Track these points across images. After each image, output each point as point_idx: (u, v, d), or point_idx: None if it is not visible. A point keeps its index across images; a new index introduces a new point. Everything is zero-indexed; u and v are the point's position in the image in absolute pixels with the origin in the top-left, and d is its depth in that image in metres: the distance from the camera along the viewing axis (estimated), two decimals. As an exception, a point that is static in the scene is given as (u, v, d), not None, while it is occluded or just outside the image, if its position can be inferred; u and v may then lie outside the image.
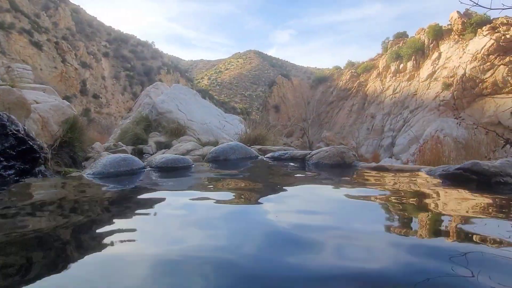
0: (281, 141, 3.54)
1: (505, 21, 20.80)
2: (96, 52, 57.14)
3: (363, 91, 31.10)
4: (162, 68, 66.51)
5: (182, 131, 4.89)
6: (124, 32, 72.48)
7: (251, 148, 2.26)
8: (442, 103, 22.69)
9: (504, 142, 2.64)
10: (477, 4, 2.05)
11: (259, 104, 65.93)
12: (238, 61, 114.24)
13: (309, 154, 1.67)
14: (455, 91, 22.24)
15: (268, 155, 1.84)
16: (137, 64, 63.42)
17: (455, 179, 1.27)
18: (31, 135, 1.93)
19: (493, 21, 21.82)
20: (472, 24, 22.72)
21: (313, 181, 1.49)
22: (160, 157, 1.47)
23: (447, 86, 22.93)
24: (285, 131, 34.77)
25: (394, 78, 28.19)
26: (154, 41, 75.40)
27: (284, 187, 1.41)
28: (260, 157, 1.86)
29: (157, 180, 1.49)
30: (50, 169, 2.08)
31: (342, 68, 36.38)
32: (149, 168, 1.52)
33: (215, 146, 3.76)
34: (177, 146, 3.53)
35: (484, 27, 21.80)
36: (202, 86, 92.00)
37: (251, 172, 1.63)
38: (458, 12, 24.23)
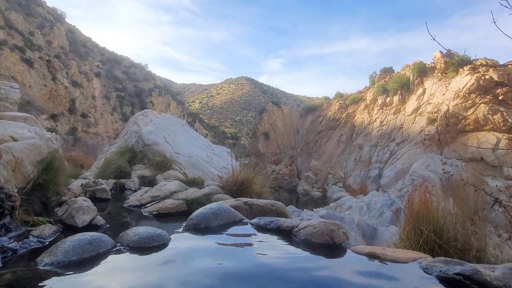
0: (268, 183, 3.45)
1: (484, 62, 21.93)
2: (88, 71, 57.19)
3: (351, 122, 31.74)
4: (154, 90, 66.80)
5: (168, 165, 4.75)
6: (118, 54, 73.17)
7: (236, 200, 2.15)
8: (427, 137, 23.26)
9: (493, 201, 2.62)
10: None
11: (249, 130, 66.33)
12: (230, 87, 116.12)
13: (296, 226, 1.58)
14: (439, 126, 22.90)
15: (254, 220, 1.73)
16: (129, 85, 63.58)
17: (453, 285, 1.19)
18: (-2, 184, 1.79)
19: (473, 62, 22.96)
20: (454, 63, 23.85)
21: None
22: (134, 233, 1.33)
23: (431, 121, 23.63)
24: (274, 158, 34.80)
25: (381, 111, 28.96)
26: (148, 64, 76.17)
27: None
28: (245, 220, 1.74)
29: (122, 274, 1.23)
30: (16, 219, 1.92)
31: (331, 98, 37.28)
32: (120, 247, 1.35)
33: (200, 186, 3.64)
34: (160, 185, 3.38)
35: (465, 67, 22.89)
36: (193, 109, 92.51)
37: (232, 260, 1.39)
38: (440, 52, 25.49)
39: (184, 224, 1.73)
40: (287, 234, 1.58)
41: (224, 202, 2.21)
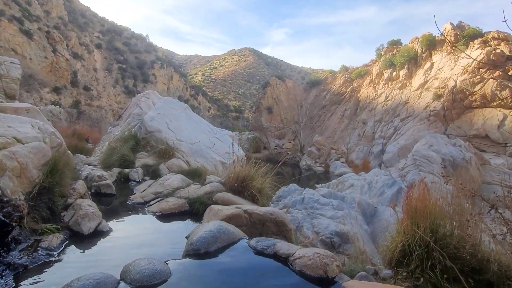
0: (268, 179, 3.49)
1: (496, 36, 21.13)
2: (89, 43, 56.08)
3: (356, 96, 31.29)
4: (156, 62, 65.74)
5: (170, 153, 4.81)
6: (118, 24, 71.31)
7: (236, 208, 2.20)
8: (432, 113, 22.97)
9: (489, 207, 2.65)
10: None
11: (253, 103, 65.79)
12: (233, 58, 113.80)
13: (292, 255, 1.62)
14: (445, 102, 22.54)
15: (252, 243, 1.76)
16: (130, 57, 62.52)
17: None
18: (4, 199, 1.84)
19: (485, 35, 22.13)
20: (464, 36, 23.01)
21: None
22: (136, 271, 1.37)
23: (437, 96, 23.23)
24: (277, 133, 34.79)
25: (386, 85, 28.43)
26: (149, 34, 74.38)
27: None
28: (244, 241, 1.77)
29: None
30: (25, 228, 2.00)
31: (336, 72, 36.50)
32: (124, 283, 1.39)
33: (202, 179, 3.70)
34: (163, 180, 3.45)
35: (476, 40, 22.11)
36: (196, 82, 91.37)
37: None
38: (451, 23, 24.53)
39: (184, 248, 1.79)
40: (284, 261, 1.63)
41: (225, 209, 2.26)
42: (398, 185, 11.10)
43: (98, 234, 2.13)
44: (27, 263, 1.65)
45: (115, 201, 3.13)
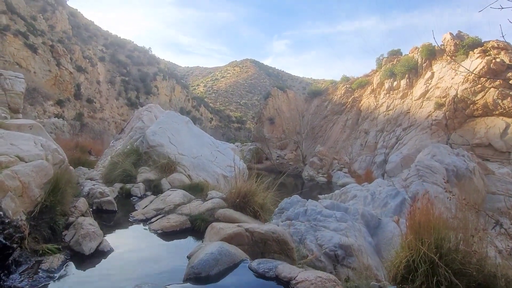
0: (270, 194, 3.47)
1: (495, 45, 21.26)
2: (92, 56, 56.84)
3: (357, 106, 31.37)
4: (158, 74, 66.43)
5: (172, 168, 4.81)
6: (121, 37, 72.41)
7: (238, 227, 2.19)
8: (434, 122, 22.95)
9: (494, 223, 2.62)
10: None
11: (254, 113, 66.03)
12: (235, 69, 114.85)
13: (294, 279, 1.60)
14: (447, 111, 22.53)
15: (254, 265, 1.74)
16: (133, 69, 63.26)
17: None
18: (6, 221, 1.84)
19: (484, 44, 22.28)
20: (464, 46, 23.15)
21: None
22: None
23: (439, 106, 23.24)
24: (279, 143, 34.78)
25: (387, 95, 28.52)
26: (151, 47, 75.37)
27: None
28: (245, 262, 1.76)
29: None
30: (26, 248, 1.99)
31: (337, 82, 36.71)
32: None
33: (204, 195, 3.69)
34: (165, 196, 3.44)
35: (476, 49, 22.24)
36: (198, 93, 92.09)
37: None
38: (450, 33, 24.72)
39: (185, 271, 1.76)
40: (286, 285, 1.62)
41: (226, 228, 2.24)
42: (401, 196, 11.02)
43: (99, 254, 2.12)
44: (27, 286, 1.64)
45: (116, 218, 3.12)
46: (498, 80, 20.28)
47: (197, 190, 3.88)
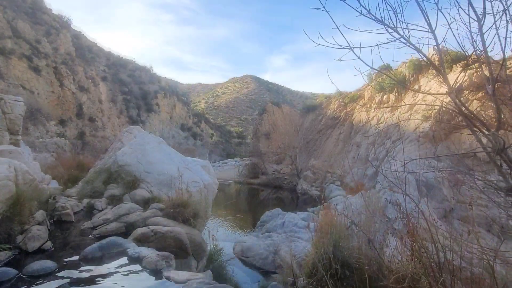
0: (203, 206, 4.12)
1: (476, 58, 22.02)
2: (95, 76, 58.56)
3: (350, 120, 32.09)
4: (159, 92, 67.98)
5: (136, 184, 5.48)
6: (123, 57, 74.50)
7: (148, 228, 2.84)
8: (421, 134, 23.54)
9: (349, 223, 3.25)
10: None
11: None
12: (235, 86, 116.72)
13: (144, 258, 2.27)
14: (433, 123, 23.15)
15: (130, 251, 2.45)
16: (134, 88, 64.84)
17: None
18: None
19: (468, 58, 23.05)
20: (448, 60, 23.95)
21: None
22: (32, 266, 2.04)
23: (426, 118, 23.88)
24: (275, 158, 35.39)
25: (378, 109, 29.24)
26: (153, 65, 77.10)
27: None
28: (127, 250, 2.44)
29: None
30: (-17, 248, 2.66)
31: (331, 97, 37.59)
32: (22, 275, 2.08)
33: (147, 207, 4.35)
34: (116, 208, 4.11)
35: (459, 63, 23.03)
36: (199, 109, 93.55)
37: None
38: (434, 48, 25.53)
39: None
40: (139, 260, 2.30)
41: (140, 229, 2.91)
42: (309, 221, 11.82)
43: (41, 251, 2.78)
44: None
45: (71, 227, 3.78)
46: (480, 92, 20.97)
47: (148, 203, 4.54)
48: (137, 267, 2.41)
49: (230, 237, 11.93)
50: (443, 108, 22.67)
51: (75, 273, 2.37)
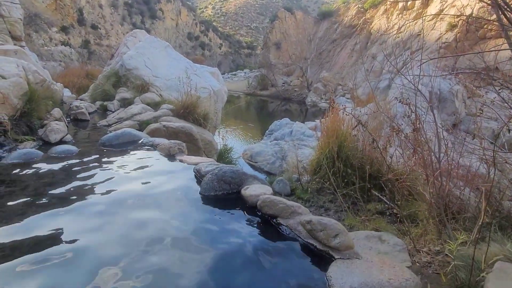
0: (214, 108, 4.18)
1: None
2: (91, -23, 53.50)
3: (367, 29, 29.81)
4: (162, -5, 62.59)
5: (146, 88, 5.50)
6: (121, -46, 66.53)
7: (160, 124, 2.96)
8: (443, 45, 21.99)
9: (356, 122, 3.28)
10: None
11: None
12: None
13: (157, 145, 2.40)
14: (458, 32, 21.39)
15: (144, 140, 2.57)
16: (135, -9, 59.65)
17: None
18: (-11, 116, 2.65)
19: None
20: (489, -45, 20.75)
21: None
22: (56, 149, 2.18)
23: (451, 27, 21.99)
24: (285, 70, 34.30)
25: (400, 15, 26.80)
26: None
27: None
28: (141, 140, 2.58)
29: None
30: (9, 137, 2.85)
31: (350, 1, 34.16)
32: (49, 155, 2.24)
33: (158, 108, 4.44)
34: (128, 108, 4.22)
35: (502, -40, 19.97)
36: (206, 16, 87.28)
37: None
38: None
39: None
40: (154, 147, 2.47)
41: (152, 125, 3.05)
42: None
43: (62, 143, 2.99)
44: (5, 154, 2.54)
45: (88, 124, 3.99)
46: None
47: (158, 106, 4.63)
48: (151, 152, 2.64)
49: (239, 145, 12.49)
50: (473, 15, 20.63)
51: (96, 155, 2.65)
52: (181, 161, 2.45)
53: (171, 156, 2.63)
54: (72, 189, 2.11)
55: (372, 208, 3.45)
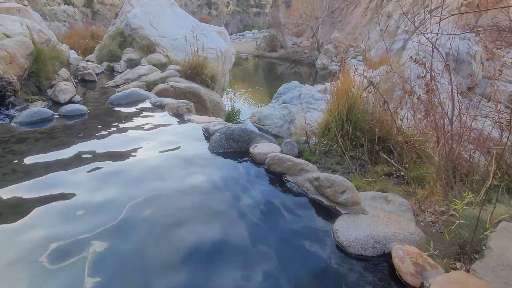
0: (221, 69, 4.09)
1: None
2: None
3: (384, -16, 27.93)
4: (166, -51, 59.02)
5: (152, 48, 5.37)
6: None
7: (167, 84, 2.92)
8: (464, 2, 20.55)
9: (368, 83, 3.18)
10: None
11: (273, -4, 59.95)
12: None
13: (165, 105, 2.38)
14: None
15: (152, 100, 2.55)
16: None
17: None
18: (-2, 77, 2.66)
19: None
20: None
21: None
22: (67, 108, 2.19)
23: (476, -19, 20.41)
24: (295, 30, 32.93)
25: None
26: None
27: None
28: (148, 100, 2.55)
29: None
30: (19, 97, 2.88)
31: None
32: (58, 115, 2.28)
33: (164, 69, 4.37)
34: (135, 69, 4.16)
35: None
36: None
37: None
38: None
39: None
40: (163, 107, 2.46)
41: (160, 86, 3.02)
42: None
43: (71, 102, 3.01)
44: (17, 113, 2.58)
45: (95, 85, 3.98)
46: None
47: (164, 67, 4.56)
48: (159, 112, 2.65)
49: (247, 108, 12.41)
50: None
51: (105, 114, 2.65)
52: (189, 120, 2.47)
53: (179, 116, 2.67)
54: (86, 147, 2.16)
55: (379, 170, 3.46)
